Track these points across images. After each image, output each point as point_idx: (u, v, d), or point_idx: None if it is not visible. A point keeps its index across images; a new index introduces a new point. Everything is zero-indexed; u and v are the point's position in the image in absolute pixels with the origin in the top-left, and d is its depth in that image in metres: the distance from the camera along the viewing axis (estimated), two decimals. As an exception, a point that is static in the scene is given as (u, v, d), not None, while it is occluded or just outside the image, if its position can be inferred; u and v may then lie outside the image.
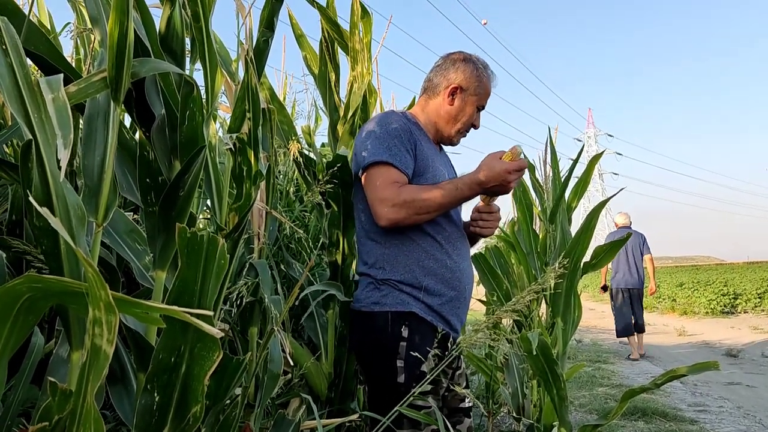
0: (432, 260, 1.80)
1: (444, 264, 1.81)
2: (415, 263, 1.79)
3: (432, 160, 1.88)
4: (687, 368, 1.58)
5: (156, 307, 0.69)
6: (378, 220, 1.73)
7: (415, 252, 1.80)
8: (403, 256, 1.80)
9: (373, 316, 1.78)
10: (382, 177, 1.72)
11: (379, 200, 1.71)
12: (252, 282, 1.59)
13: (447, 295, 1.80)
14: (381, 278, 1.80)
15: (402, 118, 1.87)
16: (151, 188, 1.14)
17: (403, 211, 1.69)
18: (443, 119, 1.96)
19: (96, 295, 0.62)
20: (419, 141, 1.85)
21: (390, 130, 1.79)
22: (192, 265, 0.91)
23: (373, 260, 1.84)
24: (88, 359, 0.65)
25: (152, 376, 1.02)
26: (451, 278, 1.82)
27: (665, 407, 4.80)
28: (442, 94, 1.95)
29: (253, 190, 1.31)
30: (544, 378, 1.72)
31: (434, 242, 1.82)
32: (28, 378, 1.36)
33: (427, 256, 1.80)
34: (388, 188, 1.70)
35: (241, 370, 1.20)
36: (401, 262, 1.79)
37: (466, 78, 1.92)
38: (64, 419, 0.68)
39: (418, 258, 1.79)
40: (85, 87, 0.90)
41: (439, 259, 1.81)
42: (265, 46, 1.40)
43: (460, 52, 1.99)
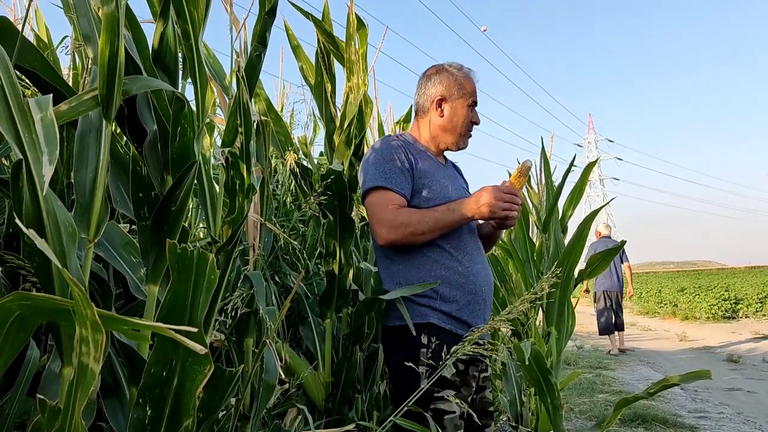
0: (443, 269, 1.86)
1: (456, 270, 1.87)
2: (428, 274, 1.85)
3: (433, 174, 1.95)
4: (680, 377, 1.58)
5: (142, 324, 0.70)
6: (377, 240, 1.84)
7: (426, 264, 1.86)
8: (415, 270, 1.87)
9: (396, 330, 1.86)
10: (380, 200, 1.84)
11: (377, 222, 1.82)
12: (247, 293, 1.60)
13: (464, 300, 1.85)
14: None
15: (397, 141, 1.97)
16: (144, 203, 1.15)
17: (399, 232, 1.79)
18: (442, 131, 2.04)
19: (82, 314, 0.63)
20: (417, 159, 1.93)
21: (385, 155, 1.89)
22: (183, 280, 0.92)
23: (391, 276, 1.93)
24: (76, 377, 0.66)
25: (144, 390, 1.03)
26: (465, 283, 1.87)
27: (665, 413, 4.79)
28: (430, 110, 2.04)
29: (246, 203, 1.32)
30: (538, 387, 1.72)
31: (442, 251, 1.88)
32: (23, 391, 1.37)
33: (438, 266, 1.86)
34: (385, 211, 1.81)
35: (234, 382, 1.20)
36: (414, 275, 1.86)
37: (445, 87, 2.02)
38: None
39: (430, 269, 1.86)
40: (77, 105, 0.91)
41: (450, 267, 1.86)
42: (257, 61, 1.42)
43: (432, 67, 2.09)
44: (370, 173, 1.88)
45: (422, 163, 1.94)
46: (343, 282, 2.44)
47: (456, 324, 1.83)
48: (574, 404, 5.15)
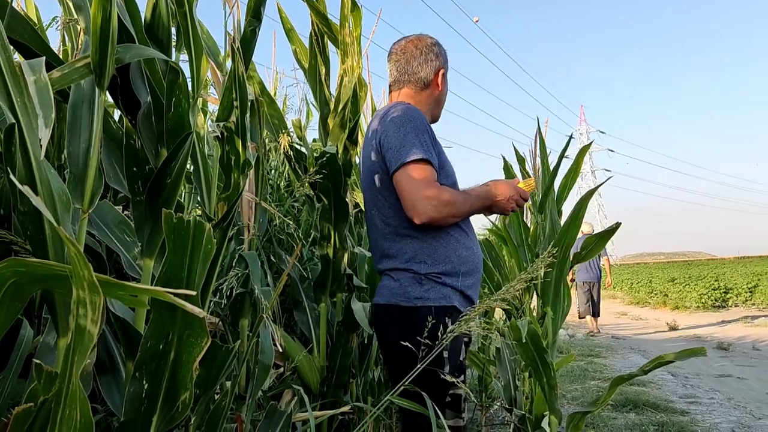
0: (464, 249, 1.85)
1: (472, 249, 1.88)
2: (453, 253, 1.82)
3: (443, 152, 1.92)
4: (674, 354, 1.59)
5: (140, 288, 0.69)
6: (416, 216, 1.72)
7: (451, 243, 1.83)
8: (441, 249, 1.82)
9: (416, 310, 1.76)
10: (425, 174, 1.72)
11: (423, 198, 1.70)
12: (242, 273, 1.59)
13: (474, 277, 1.87)
14: (424, 272, 1.79)
15: (423, 114, 1.87)
16: (138, 177, 1.13)
17: (444, 211, 1.72)
18: (438, 104, 2.04)
19: (79, 275, 0.62)
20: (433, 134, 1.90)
21: (421, 126, 1.80)
22: (179, 250, 0.91)
23: (410, 255, 1.82)
24: (73, 340, 0.65)
25: (141, 363, 1.02)
26: (477, 261, 1.89)
27: (656, 399, 4.83)
28: (433, 83, 2.00)
29: (242, 180, 1.31)
30: (534, 366, 1.73)
31: (462, 231, 1.87)
32: (16, 371, 1.35)
33: (460, 245, 1.85)
34: (431, 187, 1.71)
35: (230, 358, 1.20)
36: (441, 254, 1.81)
37: (443, 59, 2.03)
38: (50, 400, 0.67)
39: (454, 248, 1.83)
40: (70, 72, 0.89)
41: (468, 246, 1.87)
42: (252, 35, 1.40)
43: (427, 37, 2.06)
44: (409, 142, 1.75)
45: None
46: (338, 266, 2.44)
47: (467, 304, 1.82)
48: (567, 390, 5.18)
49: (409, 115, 1.82)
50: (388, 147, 1.78)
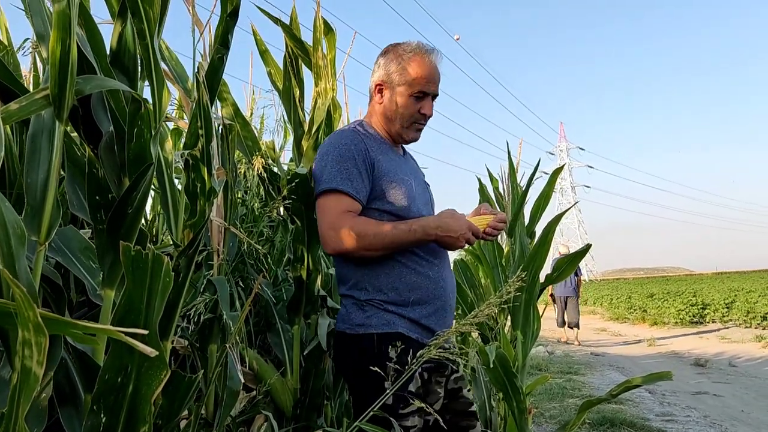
0: (414, 274, 1.75)
1: (427, 276, 1.77)
2: (398, 279, 1.74)
3: (395, 173, 1.80)
4: (641, 378, 1.61)
5: (93, 328, 0.68)
6: (325, 246, 1.69)
7: (396, 268, 1.74)
8: (384, 275, 1.74)
9: (359, 338, 1.71)
10: (334, 205, 1.68)
11: (329, 227, 1.67)
12: (210, 299, 1.57)
13: (433, 306, 1.76)
14: (365, 299, 1.73)
15: (355, 137, 1.79)
16: (101, 206, 1.13)
17: (351, 243, 1.65)
18: (384, 118, 1.88)
19: (24, 315, 0.61)
20: (378, 156, 1.78)
21: (343, 153, 1.73)
22: (138, 282, 0.90)
23: (353, 281, 1.77)
24: (18, 381, 0.64)
25: (98, 396, 1.00)
26: (435, 288, 1.78)
27: (633, 417, 4.86)
28: (374, 95, 1.91)
29: (207, 207, 1.30)
30: (503, 391, 1.73)
31: (414, 255, 1.77)
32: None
33: (408, 271, 1.75)
34: (338, 217, 1.66)
35: (194, 388, 1.18)
36: (383, 281, 1.73)
37: (385, 72, 1.85)
38: (-6, 443, 0.66)
39: (399, 274, 1.74)
40: (27, 105, 0.89)
41: (422, 273, 1.77)
42: (219, 64, 1.40)
43: (387, 45, 1.91)
44: (327, 172, 1.70)
45: (383, 159, 1.79)
46: (312, 287, 2.43)
47: (422, 333, 1.73)
48: (545, 409, 5.19)
49: (332, 142, 1.78)
50: (313, 176, 1.79)
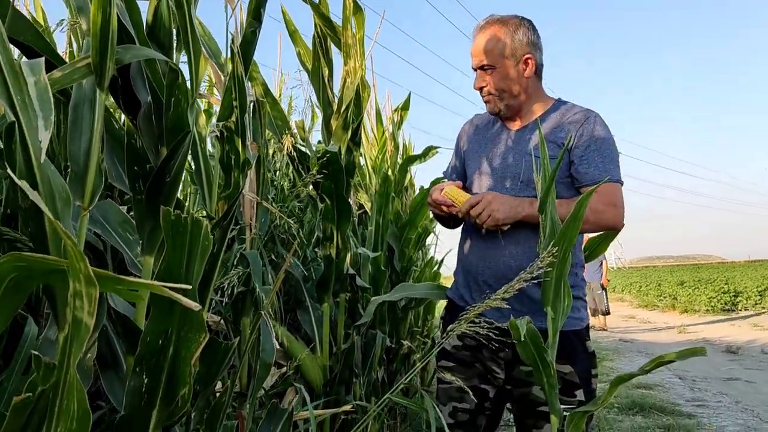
0: (461, 250, 2.04)
1: (462, 249, 2.04)
2: (459, 253, 2.06)
3: (473, 152, 2.03)
4: (675, 354, 1.59)
5: (137, 282, 0.70)
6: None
7: (460, 244, 2.07)
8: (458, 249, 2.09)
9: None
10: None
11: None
12: (243, 272, 1.60)
13: (464, 279, 1.98)
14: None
15: (465, 123, 2.15)
16: (139, 176, 1.15)
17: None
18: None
19: (75, 267, 0.63)
20: (470, 140, 2.07)
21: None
22: (177, 247, 0.92)
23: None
24: (70, 332, 0.67)
25: (140, 359, 1.03)
26: (466, 263, 1.99)
27: (663, 402, 4.82)
28: None
29: (241, 179, 1.33)
30: (534, 365, 1.73)
31: (465, 233, 2.04)
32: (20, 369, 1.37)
33: (460, 247, 2.05)
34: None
35: (229, 355, 1.21)
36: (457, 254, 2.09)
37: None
38: (48, 391, 0.69)
39: (459, 249, 2.06)
40: (71, 72, 0.91)
41: (464, 247, 2.03)
42: (252, 37, 1.42)
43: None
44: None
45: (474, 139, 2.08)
46: (341, 266, 2.45)
47: (461, 299, 1.96)
48: (573, 393, 5.17)
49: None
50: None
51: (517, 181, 1.94)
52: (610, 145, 1.88)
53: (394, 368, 3.62)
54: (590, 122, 1.89)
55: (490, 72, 1.89)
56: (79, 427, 0.69)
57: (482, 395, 1.91)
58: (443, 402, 1.93)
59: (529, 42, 1.87)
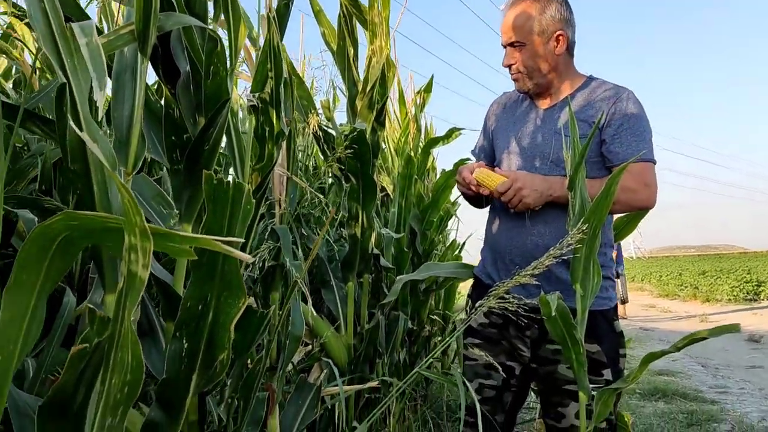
0: (489, 228, 2.03)
1: (489, 228, 2.03)
2: (486, 231, 2.06)
3: (501, 131, 2.02)
4: (708, 331, 1.58)
5: (186, 237, 0.71)
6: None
7: (488, 223, 2.06)
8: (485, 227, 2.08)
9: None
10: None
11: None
12: (274, 246, 1.62)
13: (491, 257, 1.99)
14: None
15: (493, 102, 2.12)
16: (177, 146, 1.17)
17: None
18: None
19: (132, 221, 0.65)
20: (498, 119, 2.05)
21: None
22: (218, 212, 0.94)
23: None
24: (125, 286, 0.68)
25: (180, 323, 1.05)
26: (493, 242, 1.99)
27: (686, 388, 4.79)
28: None
29: (275, 150, 1.34)
30: (563, 343, 1.73)
31: (493, 212, 2.02)
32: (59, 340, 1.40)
33: (488, 226, 2.05)
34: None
35: (264, 323, 1.23)
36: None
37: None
38: (103, 343, 0.71)
39: (487, 227, 2.06)
40: (114, 39, 0.93)
41: (492, 226, 2.02)
42: (285, 10, 1.42)
43: None
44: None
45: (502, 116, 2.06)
46: (365, 245, 2.46)
47: (488, 278, 1.94)
48: (593, 379, 5.16)
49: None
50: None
51: (546, 160, 1.92)
52: (643, 123, 1.85)
53: (415, 351, 3.64)
54: (622, 100, 1.86)
55: (519, 49, 1.86)
56: (133, 378, 0.71)
57: (509, 372, 1.92)
58: (469, 379, 1.93)
59: (561, 18, 1.84)
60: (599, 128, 1.87)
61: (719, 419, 3.88)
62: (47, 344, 1.39)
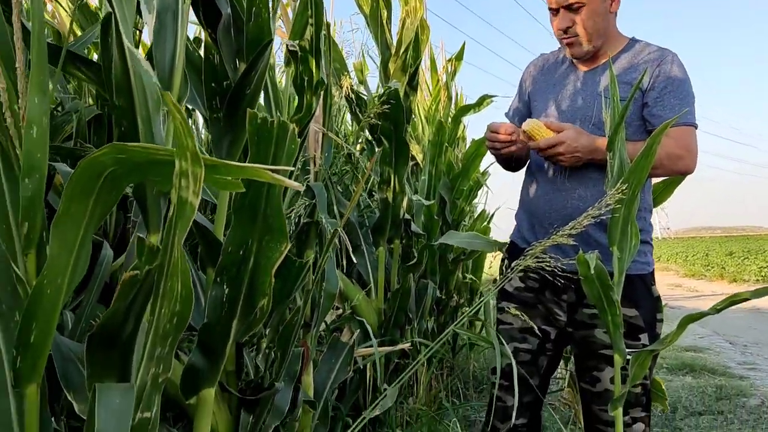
0: (526, 192, 1.99)
1: (526, 189, 1.99)
2: (522, 195, 2.03)
3: (539, 94, 1.97)
4: (751, 293, 1.54)
5: (235, 166, 0.70)
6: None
7: (524, 186, 2.03)
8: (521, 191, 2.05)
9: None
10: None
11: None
12: (309, 203, 1.61)
13: (525, 217, 1.98)
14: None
15: (530, 64, 2.07)
16: (216, 93, 1.16)
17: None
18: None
19: (183, 144, 0.63)
20: (535, 82, 2.00)
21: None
22: (262, 152, 0.92)
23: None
24: (174, 213, 0.67)
25: (221, 269, 1.05)
26: (527, 199, 1.98)
27: (714, 364, 4.74)
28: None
29: (314, 100, 1.32)
30: (599, 304, 1.70)
31: (530, 175, 1.99)
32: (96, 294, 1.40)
33: (524, 189, 2.02)
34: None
35: (303, 274, 1.23)
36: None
37: None
38: (153, 271, 0.70)
39: (523, 191, 2.03)
40: (157, -25, 0.91)
41: (529, 189, 1.98)
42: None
43: None
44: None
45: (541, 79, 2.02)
46: (397, 211, 2.45)
47: (530, 243, 1.84)
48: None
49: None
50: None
51: (587, 123, 1.87)
52: (686, 87, 1.80)
53: (442, 320, 3.65)
54: (667, 62, 1.81)
55: (577, 10, 1.78)
56: (183, 308, 0.70)
57: (544, 336, 1.90)
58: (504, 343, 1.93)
59: None
60: (642, 91, 1.82)
61: (749, 394, 3.83)
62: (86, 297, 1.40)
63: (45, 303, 0.76)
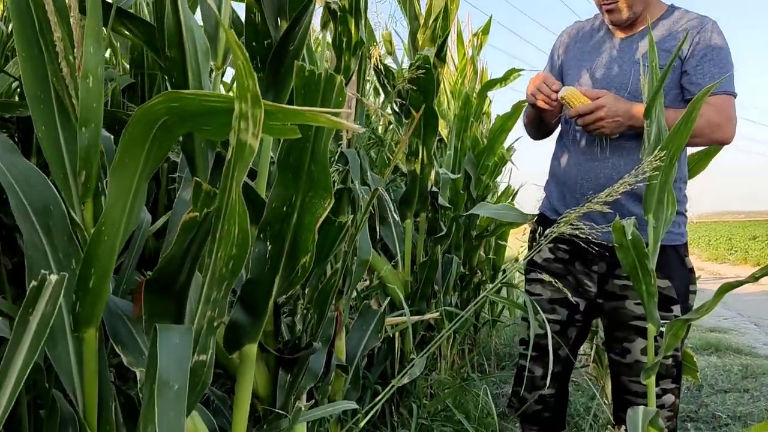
0: (556, 162, 1.97)
1: (557, 159, 1.97)
2: (552, 166, 2.01)
3: (573, 62, 1.95)
4: (790, 260, 1.51)
5: (291, 110, 0.70)
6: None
7: (554, 156, 2.01)
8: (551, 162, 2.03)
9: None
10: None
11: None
12: (342, 170, 1.62)
13: (555, 186, 1.96)
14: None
15: (562, 33, 2.05)
16: (258, 52, 1.16)
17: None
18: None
19: (243, 84, 0.64)
20: (568, 50, 1.98)
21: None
22: (309, 104, 0.92)
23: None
24: (233, 155, 0.68)
25: (264, 225, 1.06)
26: (557, 170, 1.96)
27: (739, 345, 4.70)
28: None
29: (353, 61, 1.32)
30: (633, 273, 1.68)
31: (562, 145, 1.97)
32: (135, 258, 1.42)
33: (554, 160, 1.99)
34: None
35: (342, 234, 1.24)
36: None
37: None
38: (211, 215, 0.71)
39: (553, 161, 2.00)
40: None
41: (560, 159, 1.95)
42: None
43: None
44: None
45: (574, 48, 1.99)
46: (425, 183, 2.45)
47: (559, 213, 1.83)
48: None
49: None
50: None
51: (623, 91, 1.84)
52: (726, 56, 1.77)
53: (465, 297, 3.66)
54: (707, 30, 1.77)
55: None
56: (239, 252, 0.72)
57: (573, 308, 1.90)
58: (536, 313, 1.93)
59: None
60: (680, 59, 1.79)
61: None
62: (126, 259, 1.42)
63: (103, 249, 0.77)
